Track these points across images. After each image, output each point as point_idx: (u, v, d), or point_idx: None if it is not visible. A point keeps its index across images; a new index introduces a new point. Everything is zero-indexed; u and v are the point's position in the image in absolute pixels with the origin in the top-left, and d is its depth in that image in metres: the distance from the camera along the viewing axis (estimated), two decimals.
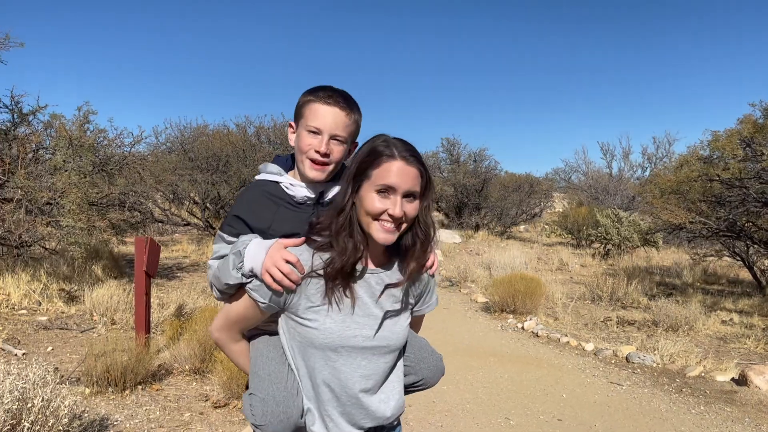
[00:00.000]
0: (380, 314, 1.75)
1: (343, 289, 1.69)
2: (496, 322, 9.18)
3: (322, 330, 1.69)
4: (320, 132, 1.82)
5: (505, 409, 5.48)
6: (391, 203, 1.63)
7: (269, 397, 1.70)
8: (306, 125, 1.83)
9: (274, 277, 1.63)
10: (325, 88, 1.86)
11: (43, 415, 3.45)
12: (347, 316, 1.70)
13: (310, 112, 1.83)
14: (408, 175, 1.64)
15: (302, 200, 1.87)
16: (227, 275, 1.71)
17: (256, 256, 1.66)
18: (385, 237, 1.65)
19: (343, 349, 1.70)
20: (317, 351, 1.70)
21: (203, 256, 14.68)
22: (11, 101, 9.64)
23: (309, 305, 1.69)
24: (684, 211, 11.32)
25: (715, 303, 10.70)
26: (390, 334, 1.77)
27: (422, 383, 1.98)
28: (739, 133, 10.31)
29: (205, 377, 5.71)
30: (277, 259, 1.64)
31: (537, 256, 17.77)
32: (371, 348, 1.74)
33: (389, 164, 1.64)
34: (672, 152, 29.20)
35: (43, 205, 8.59)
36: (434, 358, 1.99)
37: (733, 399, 5.81)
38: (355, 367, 1.73)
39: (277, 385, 1.72)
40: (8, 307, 7.91)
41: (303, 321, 1.70)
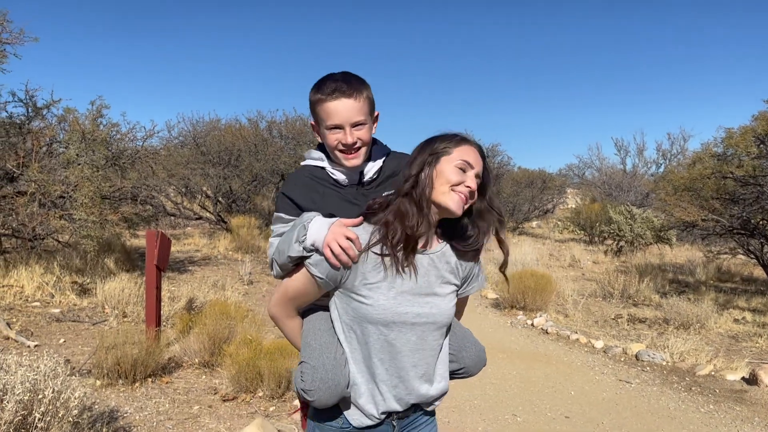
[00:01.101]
0: (429, 292, 1.85)
1: (399, 267, 1.79)
2: (506, 319, 9.17)
3: (375, 306, 1.78)
4: (341, 126, 1.89)
5: (512, 405, 5.48)
6: (467, 176, 1.81)
7: (320, 365, 1.78)
8: (326, 125, 1.91)
9: (334, 252, 1.73)
10: (327, 82, 1.90)
11: (53, 406, 3.49)
12: (399, 294, 1.80)
13: (324, 112, 1.90)
14: (479, 160, 1.84)
15: (345, 182, 1.98)
16: (290, 248, 1.79)
17: (319, 231, 1.75)
18: (458, 206, 1.79)
19: (395, 324, 1.80)
20: (370, 325, 1.80)
21: (215, 249, 14.77)
22: (26, 95, 9.75)
23: (364, 282, 1.78)
24: (697, 209, 11.22)
25: (728, 301, 10.61)
26: (438, 311, 1.86)
27: (464, 371, 2.06)
28: (753, 130, 10.20)
29: (214, 371, 5.76)
30: (338, 235, 1.73)
31: (549, 252, 17.70)
32: (421, 324, 1.83)
33: (467, 147, 1.84)
34: (686, 149, 28.93)
35: (57, 199, 8.67)
36: (477, 349, 2.07)
37: (743, 398, 5.77)
38: (405, 341, 1.82)
39: (327, 354, 1.81)
40: (22, 299, 8.00)
41: (357, 297, 1.79)
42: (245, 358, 5.13)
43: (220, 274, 11.25)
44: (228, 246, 14.94)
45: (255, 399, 5.09)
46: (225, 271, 11.86)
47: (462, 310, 2.12)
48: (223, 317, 6.15)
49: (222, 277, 10.82)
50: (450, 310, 1.90)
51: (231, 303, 7.47)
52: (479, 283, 2.04)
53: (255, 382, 5.12)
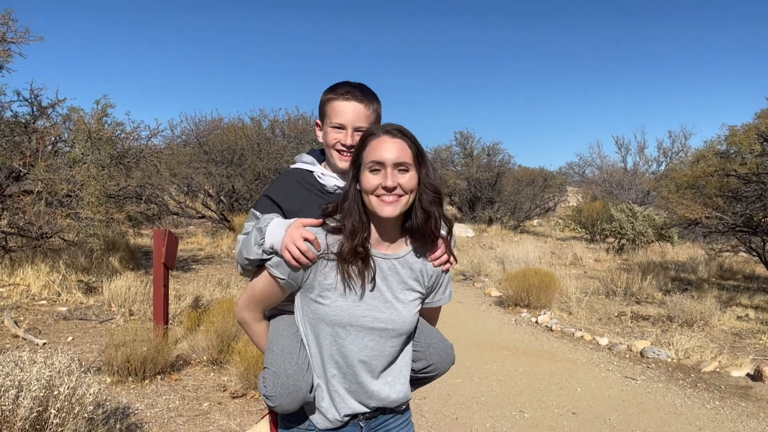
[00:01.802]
0: (390, 298, 1.82)
1: (357, 270, 1.75)
2: (510, 317, 9.20)
3: (333, 308, 1.76)
4: (344, 127, 1.93)
5: (519, 402, 5.51)
6: (383, 176, 1.71)
7: (281, 370, 1.78)
8: (330, 122, 1.95)
9: (292, 254, 1.72)
10: (342, 85, 1.97)
11: (69, 402, 3.52)
12: (358, 297, 1.77)
13: (331, 110, 1.94)
14: (394, 147, 1.72)
15: (332, 189, 1.98)
16: (249, 250, 1.80)
17: (276, 233, 1.75)
18: (387, 210, 1.72)
19: (352, 327, 1.78)
20: (327, 327, 1.78)
21: (218, 248, 14.81)
22: (31, 94, 9.78)
23: (323, 283, 1.76)
24: (700, 206, 11.25)
25: (730, 298, 10.64)
26: (398, 317, 1.82)
27: (432, 369, 2.02)
28: (756, 128, 10.23)
29: (223, 368, 5.80)
30: (296, 237, 1.72)
31: (551, 250, 17.72)
32: (379, 330, 1.80)
33: (375, 142, 1.73)
34: (688, 147, 28.94)
35: (63, 198, 8.70)
36: (444, 345, 2.04)
37: (748, 394, 5.80)
38: (362, 346, 1.79)
39: (288, 360, 1.80)
40: (29, 297, 8.04)
41: (316, 298, 1.78)
42: (254, 355, 5.15)
43: (224, 273, 11.29)
44: (231, 245, 14.97)
45: None
46: (229, 269, 11.89)
47: (434, 320, 2.07)
48: (231, 315, 6.17)
49: (226, 276, 10.86)
50: (412, 317, 1.86)
51: (237, 301, 7.49)
52: (446, 296, 1.98)
53: None
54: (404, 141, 1.73)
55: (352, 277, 1.75)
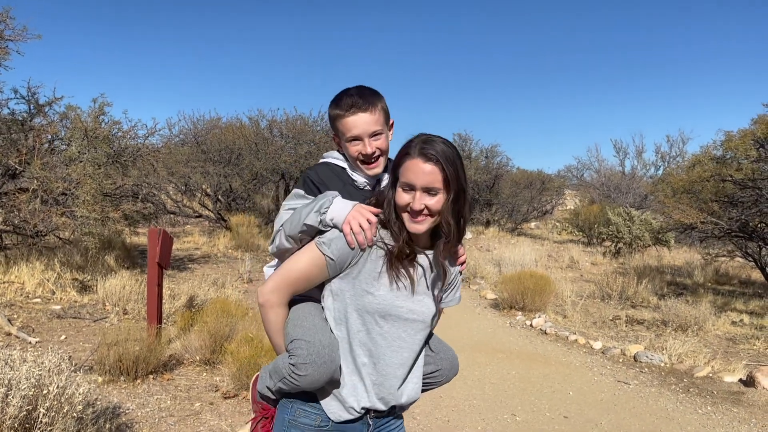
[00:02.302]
0: (422, 291, 1.90)
1: (404, 269, 1.83)
2: (505, 319, 9.21)
3: (377, 296, 1.82)
4: (360, 138, 1.98)
5: (511, 405, 5.51)
6: (412, 198, 1.78)
7: (316, 340, 1.80)
8: (345, 138, 2.00)
9: (353, 230, 1.78)
10: (344, 97, 2.01)
11: (58, 401, 3.51)
12: (398, 289, 1.84)
13: (343, 126, 2.00)
14: (423, 172, 1.76)
15: (362, 185, 2.05)
16: (309, 216, 1.82)
17: (341, 209, 1.81)
18: (413, 227, 1.80)
19: (390, 317, 1.83)
20: (367, 315, 1.82)
21: (214, 248, 14.79)
22: (28, 92, 9.75)
23: (371, 271, 1.81)
24: (696, 211, 11.26)
25: (725, 303, 10.66)
26: (428, 310, 1.91)
27: (439, 374, 2.09)
28: (752, 134, 10.24)
29: (215, 368, 5.79)
30: (360, 215, 1.79)
31: (547, 253, 17.74)
32: (412, 320, 1.87)
33: (409, 163, 1.78)
34: (685, 151, 28.98)
35: (59, 196, 8.69)
36: (452, 355, 2.15)
37: (740, 400, 5.81)
38: (395, 336, 1.85)
39: (323, 333, 1.83)
40: (23, 295, 8.02)
41: (362, 285, 1.82)
42: (246, 355, 5.15)
43: (220, 272, 11.28)
44: (228, 244, 14.97)
45: None
46: (225, 269, 11.89)
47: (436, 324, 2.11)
48: (224, 315, 6.18)
49: (222, 275, 10.85)
50: (434, 311, 1.95)
51: (231, 301, 7.50)
52: (456, 297, 2.06)
53: None
54: (436, 166, 1.76)
55: (398, 273, 1.82)
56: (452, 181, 1.78)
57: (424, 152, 1.77)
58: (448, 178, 1.77)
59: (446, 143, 1.81)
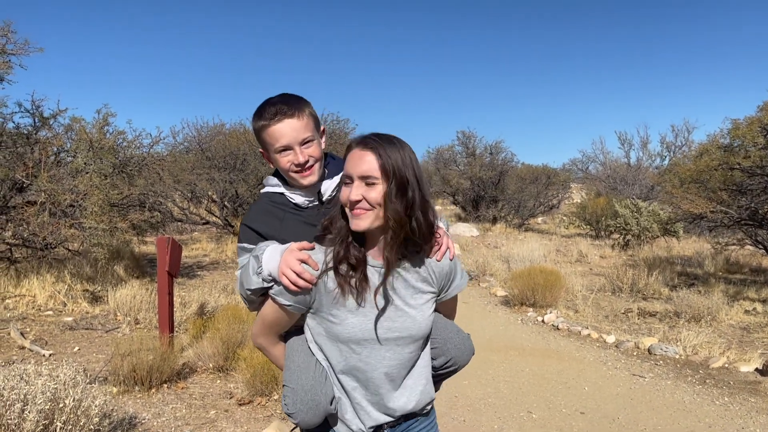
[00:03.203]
0: (401, 305, 1.78)
1: (356, 281, 1.73)
2: (516, 316, 9.18)
3: (344, 325, 1.74)
4: (290, 147, 1.89)
5: (527, 402, 5.49)
6: (349, 188, 1.69)
7: (298, 386, 1.78)
8: (275, 149, 1.90)
9: (289, 278, 1.70)
10: (267, 107, 1.90)
11: (74, 414, 3.52)
12: (367, 310, 1.75)
13: (270, 137, 1.89)
14: (360, 160, 1.67)
15: (305, 204, 1.97)
16: (249, 281, 1.79)
17: (271, 260, 1.74)
18: (356, 223, 1.69)
19: (366, 342, 1.75)
20: (342, 344, 1.76)
21: (223, 254, 14.81)
22: (32, 105, 9.80)
23: (330, 301, 1.74)
24: (704, 201, 11.20)
25: (737, 292, 10.59)
26: (412, 323, 1.79)
27: (452, 363, 1.99)
28: (759, 121, 10.17)
29: (229, 375, 5.79)
30: (291, 260, 1.70)
31: (556, 248, 17.68)
32: (394, 339, 1.78)
33: (349, 155, 1.72)
34: (691, 141, 28.82)
35: (66, 207, 8.72)
36: (461, 337, 2.00)
37: (757, 389, 5.77)
38: (380, 358, 1.77)
39: (305, 374, 1.80)
40: (34, 308, 8.06)
41: (327, 317, 1.76)
42: (260, 361, 5.15)
43: (229, 278, 11.29)
44: (235, 250, 14.95)
45: (271, 402, 5.12)
46: (234, 275, 11.90)
47: (453, 312, 2.03)
48: (236, 321, 6.18)
49: (231, 281, 10.86)
50: (426, 321, 1.83)
51: (242, 307, 7.49)
52: (460, 282, 1.91)
53: (270, 386, 5.14)
54: (372, 153, 1.67)
55: (350, 289, 1.72)
56: (390, 169, 1.65)
57: (363, 141, 1.70)
58: (385, 166, 1.65)
59: (393, 137, 1.73)
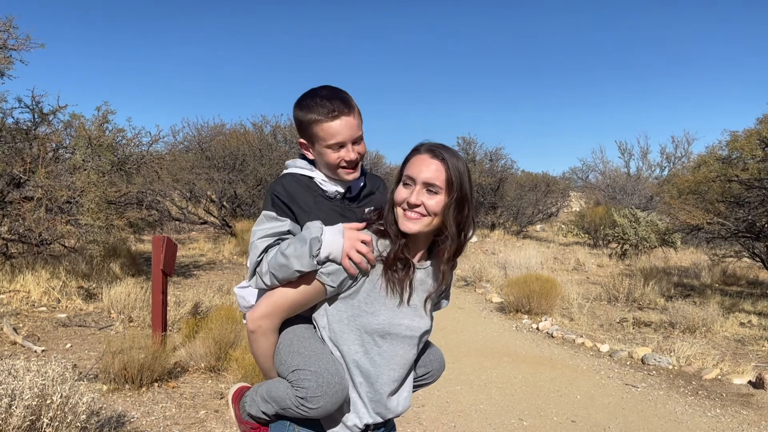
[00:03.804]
0: (419, 306, 1.85)
1: (399, 277, 1.77)
2: (511, 323, 9.16)
3: (377, 315, 1.76)
4: (343, 144, 1.86)
5: (518, 409, 5.47)
6: (410, 191, 1.72)
7: (322, 369, 1.72)
8: (326, 143, 1.85)
9: (354, 260, 1.70)
10: (322, 101, 1.84)
11: (61, 411, 3.50)
12: (397, 305, 1.79)
13: (323, 132, 1.84)
14: (427, 167, 1.72)
15: (333, 194, 1.92)
16: (302, 262, 1.69)
17: (334, 242, 1.71)
18: (405, 225, 1.73)
19: (389, 336, 1.78)
20: (367, 335, 1.76)
21: (219, 254, 14.81)
22: (32, 101, 9.79)
23: (371, 291, 1.76)
24: (702, 212, 11.21)
25: (733, 304, 10.58)
26: (424, 326, 1.87)
27: (430, 375, 2.06)
28: (758, 134, 10.19)
29: (221, 375, 5.77)
30: (356, 242, 1.71)
31: (553, 255, 17.67)
32: (409, 337, 1.83)
33: (415, 158, 1.76)
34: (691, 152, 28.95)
35: (63, 204, 8.71)
36: (440, 354, 2.10)
37: (750, 402, 5.76)
38: (393, 354, 1.81)
39: (326, 358, 1.75)
40: (28, 304, 8.04)
41: (361, 305, 1.76)
42: (251, 362, 5.13)
43: (225, 279, 11.29)
44: (233, 250, 14.97)
45: None
46: (230, 275, 11.89)
47: None
48: (229, 322, 6.16)
49: (227, 282, 10.85)
50: (430, 326, 1.90)
51: (236, 307, 7.48)
52: (446, 301, 2.03)
53: None
54: (442, 164, 1.72)
55: (395, 283, 1.76)
56: (455, 183, 1.73)
57: (431, 149, 1.75)
58: (451, 179, 1.72)
59: (457, 153, 1.79)
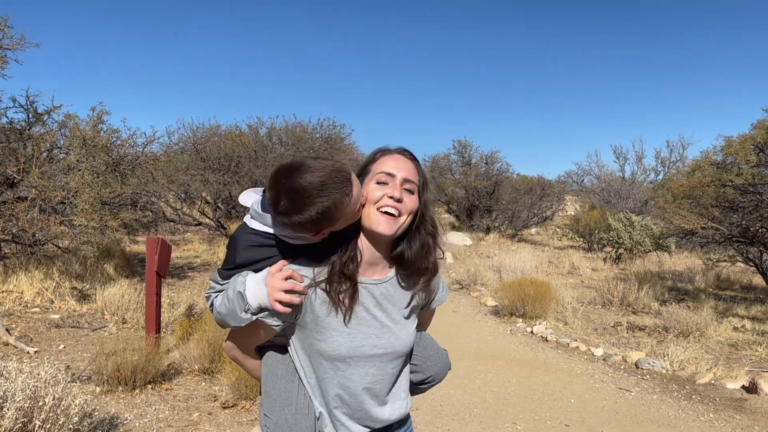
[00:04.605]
0: (386, 322, 1.78)
1: (346, 295, 1.70)
2: (506, 326, 9.17)
3: (329, 343, 1.71)
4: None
5: (512, 413, 5.47)
6: (390, 187, 1.69)
7: (282, 420, 1.75)
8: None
9: (283, 302, 1.63)
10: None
11: (54, 413, 3.49)
12: (353, 327, 1.72)
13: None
14: (405, 166, 1.74)
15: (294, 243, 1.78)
16: (238, 319, 1.68)
17: (258, 292, 1.64)
18: (384, 227, 1.67)
19: (351, 359, 1.73)
20: (326, 362, 1.73)
21: (214, 255, 14.76)
22: (26, 101, 9.76)
23: (315, 319, 1.71)
24: (696, 217, 11.25)
25: (727, 309, 10.61)
26: (396, 341, 1.79)
27: (430, 380, 2.01)
28: (752, 139, 10.23)
29: (214, 377, 5.75)
30: (277, 282, 1.63)
31: (548, 259, 17.69)
32: (378, 356, 1.76)
33: (387, 157, 1.75)
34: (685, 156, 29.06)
35: (57, 204, 8.68)
36: (440, 355, 2.03)
37: (743, 407, 5.77)
38: (363, 374, 1.75)
39: (288, 406, 1.76)
40: (21, 304, 8.00)
41: (311, 334, 1.72)
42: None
43: None
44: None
45: (255, 406, 5.08)
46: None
47: (427, 322, 2.05)
48: None
49: None
50: (410, 337, 1.84)
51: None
52: (441, 295, 1.94)
53: (255, 390, 5.11)
54: (415, 165, 1.76)
55: (341, 302, 1.69)
56: (423, 188, 1.77)
57: (403, 151, 1.77)
58: (423, 181, 1.76)
59: None
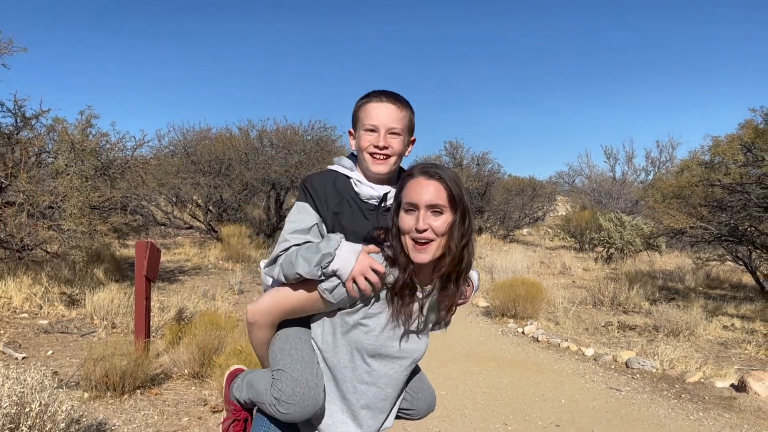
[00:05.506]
0: (416, 330, 1.85)
1: (403, 304, 1.75)
2: (497, 327, 9.18)
3: (369, 335, 1.76)
4: (377, 129, 1.90)
5: (503, 414, 5.48)
6: (415, 218, 1.69)
7: (303, 379, 1.73)
8: (363, 125, 1.92)
9: (360, 286, 1.68)
10: (376, 91, 1.96)
11: (40, 419, 3.46)
12: (393, 328, 1.79)
13: (364, 113, 1.92)
14: (426, 189, 1.69)
15: (366, 198, 1.92)
16: (307, 270, 1.70)
17: (346, 260, 1.68)
18: (419, 257, 1.70)
19: (380, 356, 1.80)
20: (357, 353, 1.78)
21: (205, 259, 14.71)
22: (14, 105, 9.69)
23: (368, 311, 1.76)
24: (685, 216, 11.31)
25: (717, 308, 10.67)
26: (417, 347, 1.87)
27: (413, 413, 2.06)
28: (740, 139, 10.31)
29: (204, 382, 5.73)
30: (366, 269, 1.68)
31: (539, 259, 17.75)
32: (401, 358, 1.83)
33: (411, 182, 1.73)
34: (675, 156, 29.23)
35: (45, 209, 8.61)
36: (430, 394, 2.08)
37: (732, 405, 5.80)
38: (383, 374, 1.82)
39: (310, 369, 1.76)
40: (9, 310, 7.94)
41: (357, 322, 1.76)
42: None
43: (210, 284, 11.21)
44: (218, 255, 14.89)
45: None
46: (215, 280, 11.81)
47: None
48: (213, 328, 6.12)
49: (212, 287, 10.78)
50: (425, 350, 1.91)
51: (221, 313, 7.45)
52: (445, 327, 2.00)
53: None
54: (440, 183, 1.70)
55: (401, 309, 1.75)
56: (457, 198, 1.71)
57: (425, 171, 1.73)
58: (453, 196, 1.71)
59: (448, 168, 1.80)
